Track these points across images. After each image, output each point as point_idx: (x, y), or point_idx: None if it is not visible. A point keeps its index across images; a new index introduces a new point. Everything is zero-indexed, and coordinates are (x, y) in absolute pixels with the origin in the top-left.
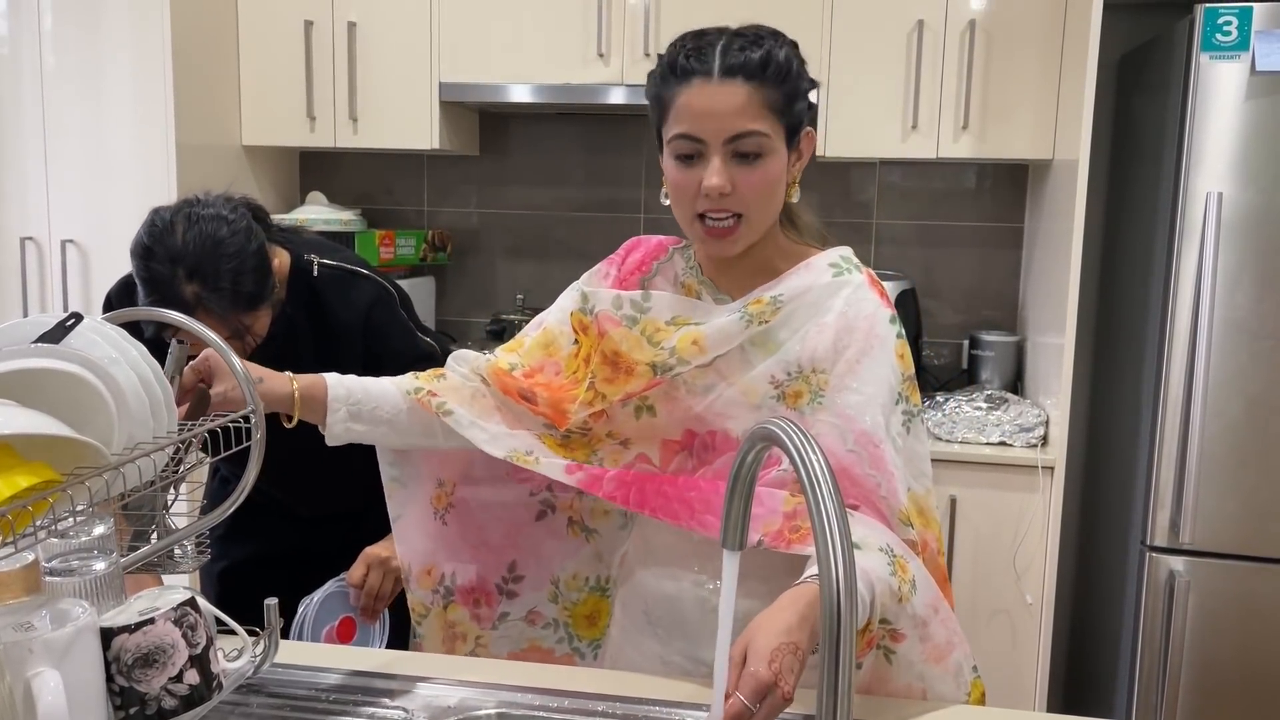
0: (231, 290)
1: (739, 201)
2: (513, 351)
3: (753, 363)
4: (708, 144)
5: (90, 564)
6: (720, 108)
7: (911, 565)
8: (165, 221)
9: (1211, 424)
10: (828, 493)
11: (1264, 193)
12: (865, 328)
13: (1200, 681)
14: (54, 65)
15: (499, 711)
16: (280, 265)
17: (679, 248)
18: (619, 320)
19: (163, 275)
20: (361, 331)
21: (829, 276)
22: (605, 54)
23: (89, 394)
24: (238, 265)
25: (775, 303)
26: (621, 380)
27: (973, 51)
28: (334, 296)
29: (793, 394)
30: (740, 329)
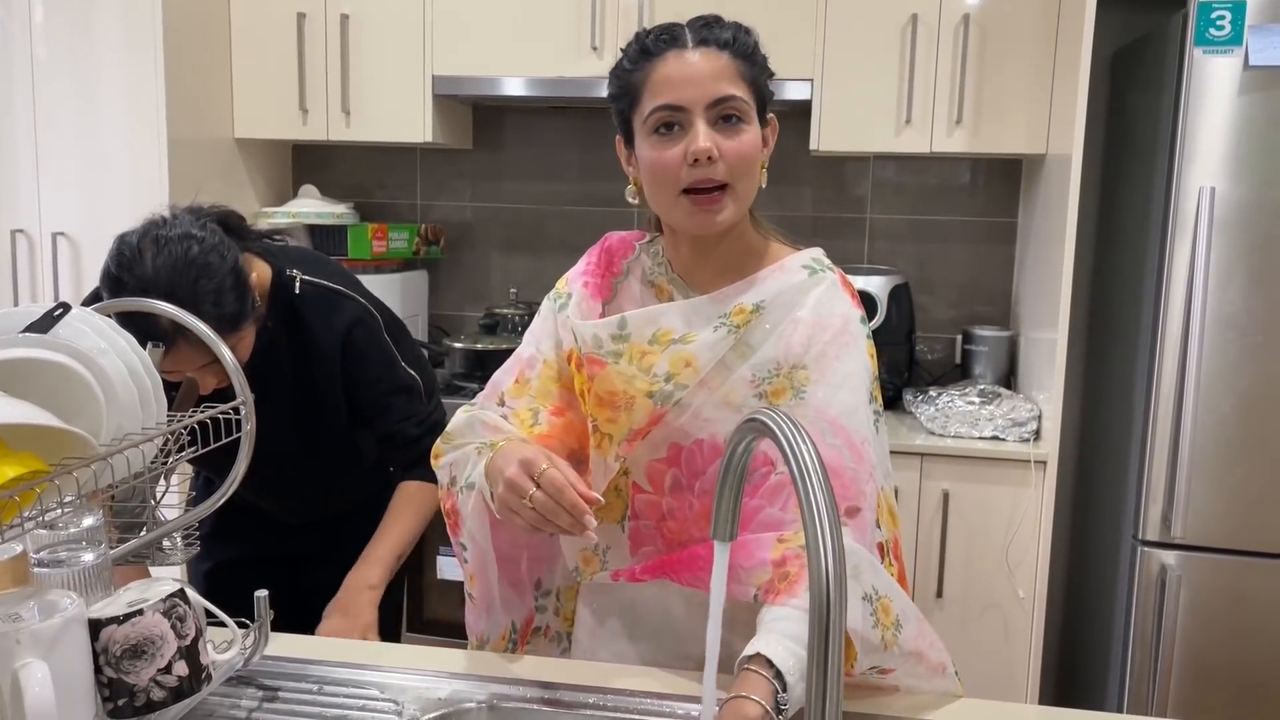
0: (214, 312)
1: (725, 169)
2: (522, 395)
3: (730, 367)
4: (690, 111)
5: (79, 555)
6: (700, 73)
7: (894, 603)
8: (133, 248)
9: (1203, 419)
10: (818, 483)
11: (1256, 188)
12: (838, 325)
13: (1191, 675)
14: (45, 57)
15: (490, 703)
16: (261, 279)
17: (644, 244)
18: (603, 359)
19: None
20: (340, 353)
21: (803, 276)
22: (599, 47)
23: (77, 384)
24: (216, 285)
25: (757, 308)
26: (624, 418)
27: (967, 46)
28: (315, 316)
29: (774, 392)
30: (729, 340)
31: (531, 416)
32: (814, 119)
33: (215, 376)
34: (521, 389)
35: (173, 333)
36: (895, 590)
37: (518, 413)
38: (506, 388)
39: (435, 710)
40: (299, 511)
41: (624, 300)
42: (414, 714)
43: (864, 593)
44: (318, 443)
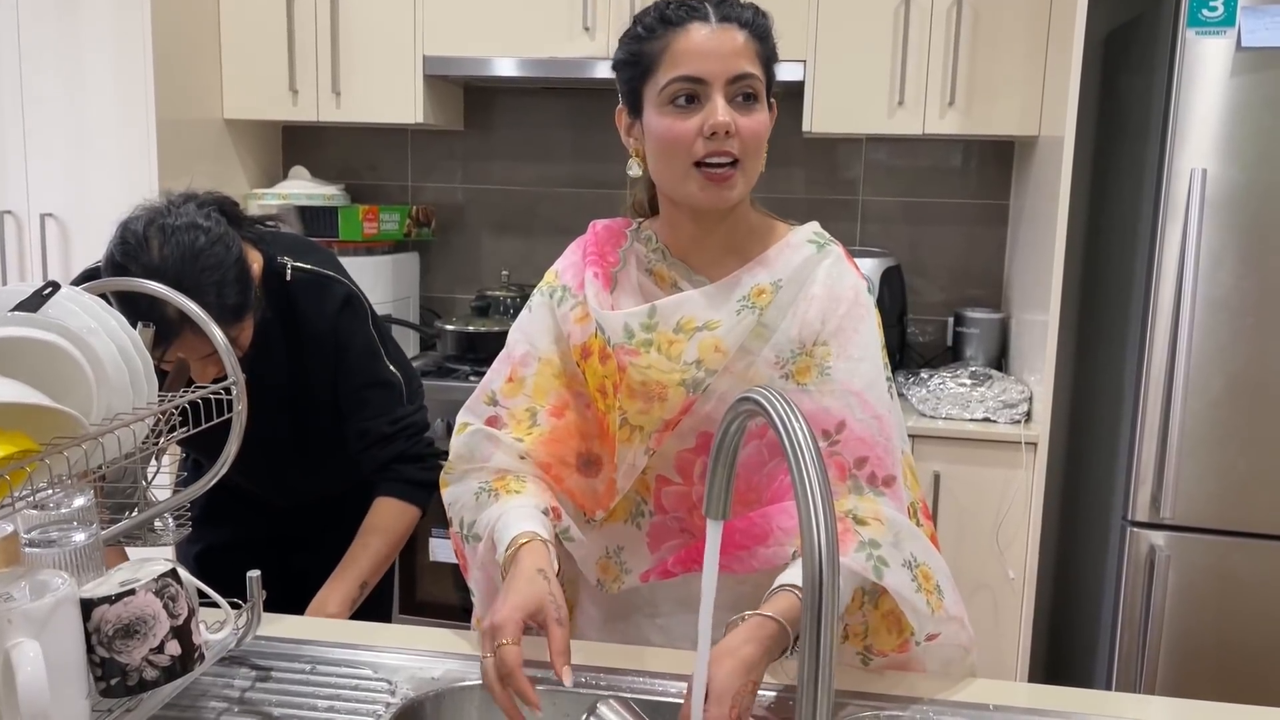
0: (217, 304)
1: (739, 146)
2: (516, 394)
3: (750, 350)
4: (710, 84)
5: (70, 535)
6: (723, 48)
7: (933, 568)
8: (138, 237)
9: (1193, 401)
10: (810, 460)
11: (1248, 170)
12: (851, 297)
13: (1179, 654)
14: (32, 37)
15: (481, 683)
16: (255, 269)
17: (634, 230)
18: (635, 349)
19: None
20: (332, 338)
21: (811, 251)
22: (591, 28)
23: (67, 364)
24: (220, 277)
25: (776, 287)
26: (656, 409)
27: (959, 28)
28: (307, 302)
29: (799, 370)
30: (752, 320)
31: (529, 417)
32: (807, 101)
33: (216, 366)
34: (516, 388)
35: (179, 322)
36: (933, 556)
37: (513, 413)
38: (498, 387)
39: (428, 689)
40: (289, 495)
41: (624, 290)
42: (407, 693)
43: (904, 559)
44: (310, 430)
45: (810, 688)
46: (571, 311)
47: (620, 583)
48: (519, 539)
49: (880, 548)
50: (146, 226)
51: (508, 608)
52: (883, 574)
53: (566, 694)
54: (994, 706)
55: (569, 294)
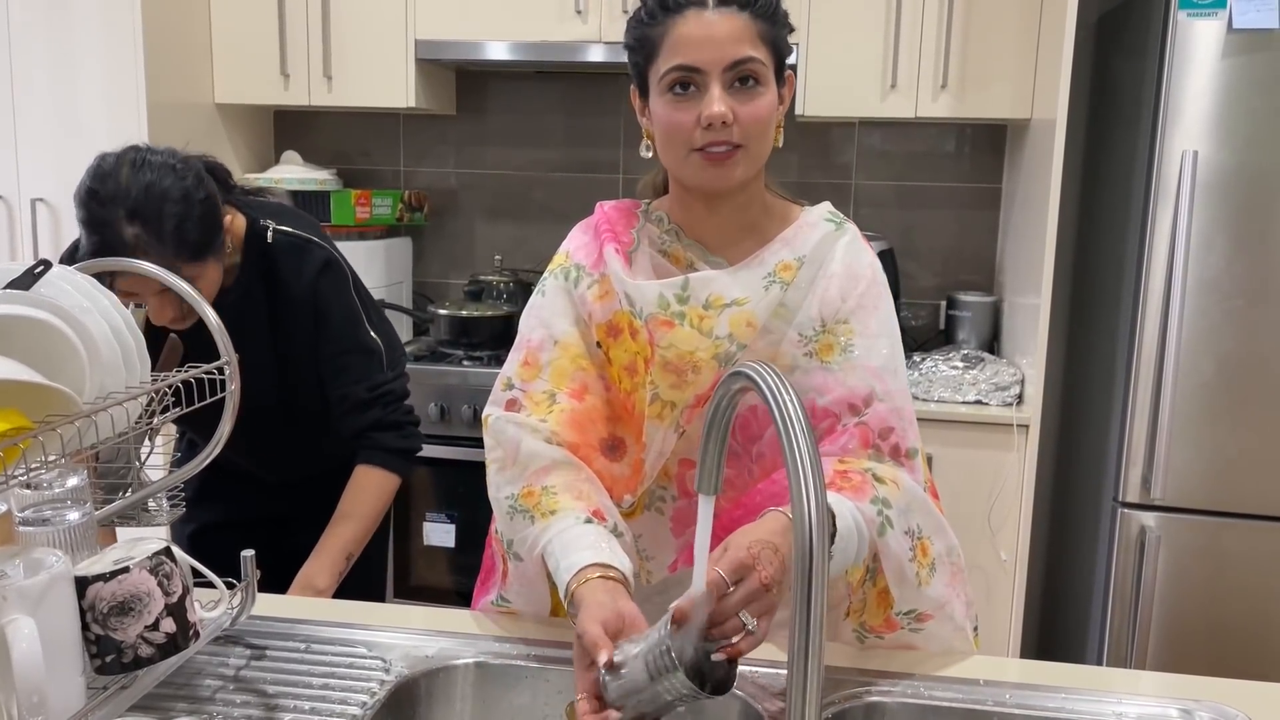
0: (175, 236)
1: (740, 132)
2: (534, 379)
3: (772, 329)
4: (707, 73)
5: (64, 514)
6: (719, 34)
7: (934, 544)
8: (111, 163)
9: (1183, 382)
10: (800, 432)
11: (1238, 152)
12: (869, 275)
13: (1169, 633)
14: (21, 21)
15: (477, 661)
16: (236, 230)
17: (643, 210)
18: (671, 320)
19: (103, 217)
20: (311, 301)
21: (829, 229)
22: (583, 11)
23: (60, 342)
24: (182, 211)
25: (800, 263)
26: (690, 383)
27: (952, 11)
28: (287, 265)
29: (823, 349)
30: (780, 295)
31: (548, 400)
32: (800, 83)
33: (172, 307)
34: (533, 372)
35: (133, 246)
36: (940, 530)
37: (531, 395)
38: (514, 372)
39: (423, 668)
40: (278, 469)
41: (640, 271)
42: (401, 671)
43: (908, 528)
44: (295, 394)
45: (800, 661)
46: (590, 290)
47: (647, 571)
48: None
49: (890, 508)
50: (121, 156)
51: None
52: (885, 532)
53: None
54: (984, 681)
55: (584, 273)
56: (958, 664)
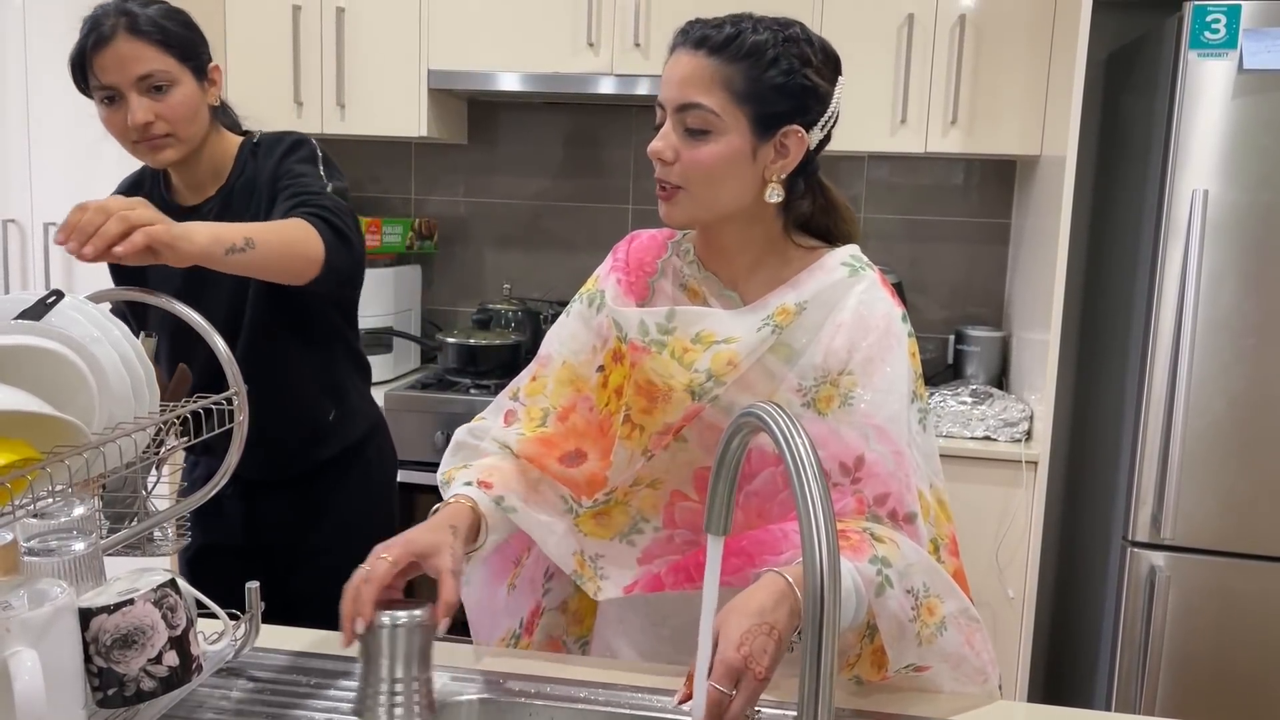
0: (150, 16)
1: (678, 174)
2: (538, 394)
3: (774, 374)
4: (665, 109)
5: (69, 544)
6: (678, 75)
7: (944, 605)
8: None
9: (1194, 421)
10: (812, 476)
11: (1249, 191)
12: (881, 326)
13: (1179, 675)
14: (38, 47)
15: (481, 697)
16: (228, 146)
17: (675, 241)
18: (648, 347)
19: (98, 13)
20: (273, 175)
21: (843, 274)
22: (595, 43)
23: (70, 372)
24: (160, 7)
25: (800, 308)
26: (659, 410)
27: (962, 46)
28: (265, 156)
29: (822, 399)
30: (770, 339)
31: (541, 416)
32: None
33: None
34: (539, 387)
35: (115, 26)
36: (951, 592)
37: (529, 409)
38: (523, 385)
39: None
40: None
41: (659, 301)
42: None
43: (910, 587)
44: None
45: (810, 704)
46: (605, 317)
47: (597, 586)
48: (451, 498)
49: (890, 567)
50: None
51: (402, 540)
52: (883, 592)
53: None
54: None
55: (603, 298)
56: (964, 707)
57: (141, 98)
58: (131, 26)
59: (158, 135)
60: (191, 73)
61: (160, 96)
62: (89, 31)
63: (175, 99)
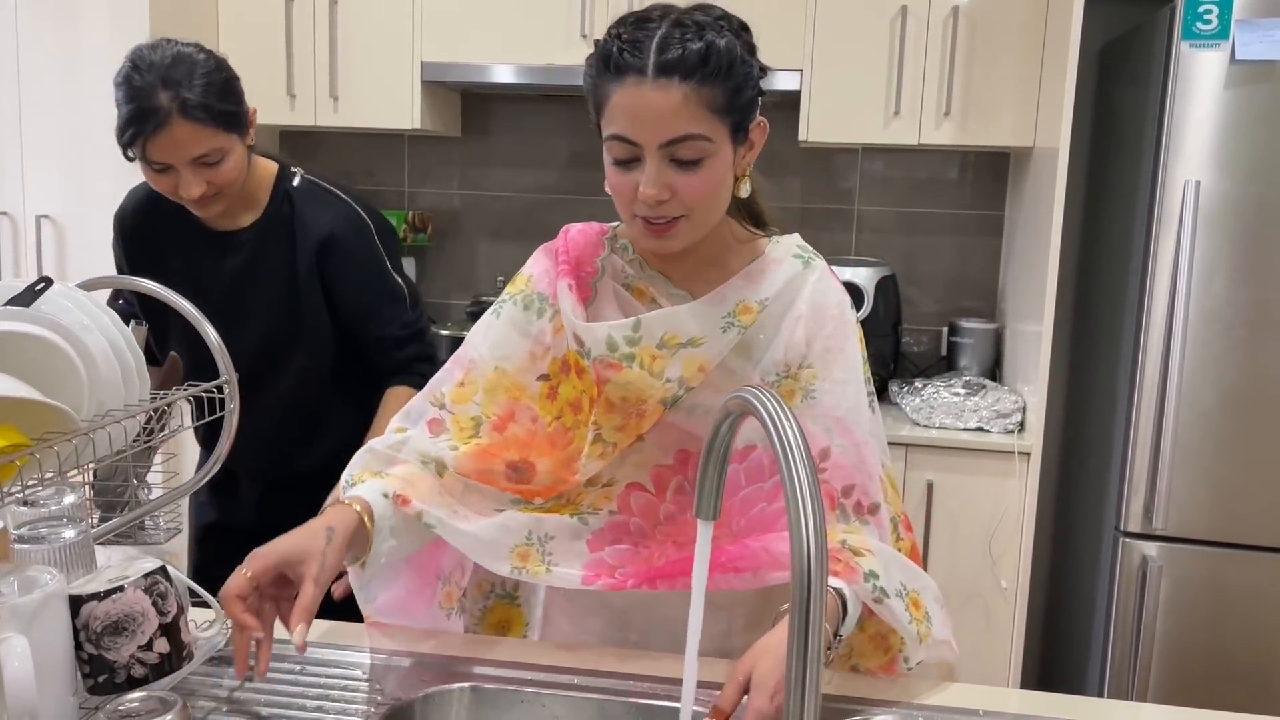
0: (203, 98)
1: (679, 205)
2: (466, 401)
3: (736, 371)
4: (643, 148)
5: (60, 532)
6: (655, 110)
7: (921, 591)
8: (146, 49)
9: (1186, 412)
10: (800, 459)
11: (1241, 182)
12: (837, 315)
13: (1171, 663)
14: (30, 40)
15: (472, 686)
16: (264, 173)
17: (610, 237)
18: (619, 363)
19: (141, 85)
20: (319, 249)
21: (798, 267)
22: (589, 35)
23: (59, 359)
24: (208, 79)
25: (763, 305)
26: (633, 425)
27: (956, 39)
28: (309, 210)
29: (785, 394)
30: (736, 339)
31: (474, 426)
32: (803, 110)
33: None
34: (467, 393)
35: (166, 110)
36: (919, 578)
37: (459, 419)
38: (448, 390)
39: (417, 692)
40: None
41: (604, 303)
42: (396, 695)
43: (896, 588)
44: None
45: (797, 689)
46: (550, 323)
47: (544, 570)
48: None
49: (879, 578)
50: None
51: (270, 549)
52: (883, 602)
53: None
54: (984, 712)
55: (546, 304)
56: (956, 694)
57: (194, 173)
58: (185, 110)
59: (208, 197)
60: (238, 136)
61: (212, 169)
62: (138, 113)
63: (226, 167)
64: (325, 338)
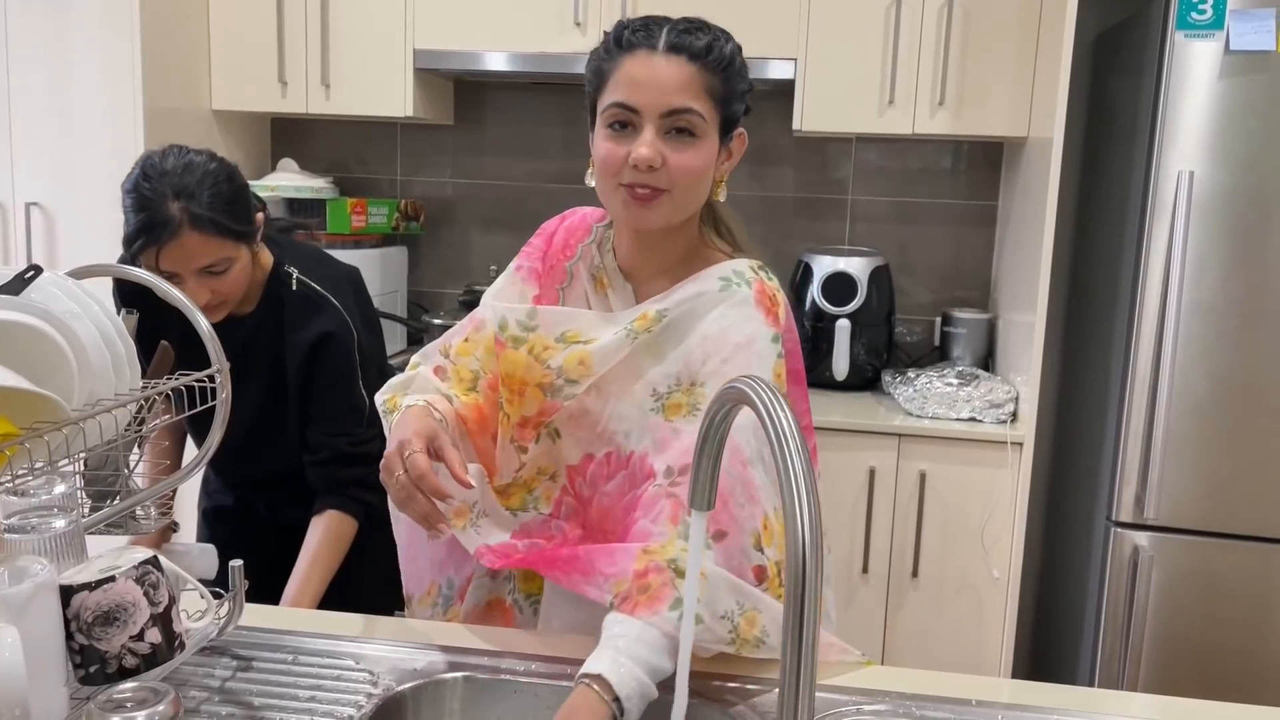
0: (212, 211)
1: (666, 179)
2: (468, 355)
3: (640, 371)
4: (642, 115)
5: (50, 522)
6: (661, 80)
7: (761, 616)
8: (157, 156)
9: (1178, 402)
10: (794, 449)
11: (1235, 173)
12: (739, 343)
13: (1161, 654)
14: (18, 26)
15: (465, 675)
16: (262, 265)
17: (603, 226)
18: (505, 343)
19: (151, 194)
20: (307, 355)
21: (715, 288)
22: (582, 23)
23: (48, 348)
24: (216, 190)
25: (660, 316)
26: (518, 402)
27: (950, 28)
28: (298, 316)
29: (672, 406)
30: (627, 345)
31: (472, 379)
32: (797, 99)
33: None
34: (470, 348)
35: (178, 221)
36: (765, 604)
37: (459, 370)
38: (455, 344)
39: (410, 681)
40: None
41: (577, 285)
42: (389, 685)
43: (723, 612)
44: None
45: (792, 680)
46: None
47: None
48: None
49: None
50: (166, 149)
51: (408, 430)
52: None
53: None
54: (975, 701)
55: None
56: (948, 684)
57: (200, 282)
58: (195, 221)
59: (212, 305)
60: (246, 244)
61: (218, 278)
62: (148, 223)
63: (232, 275)
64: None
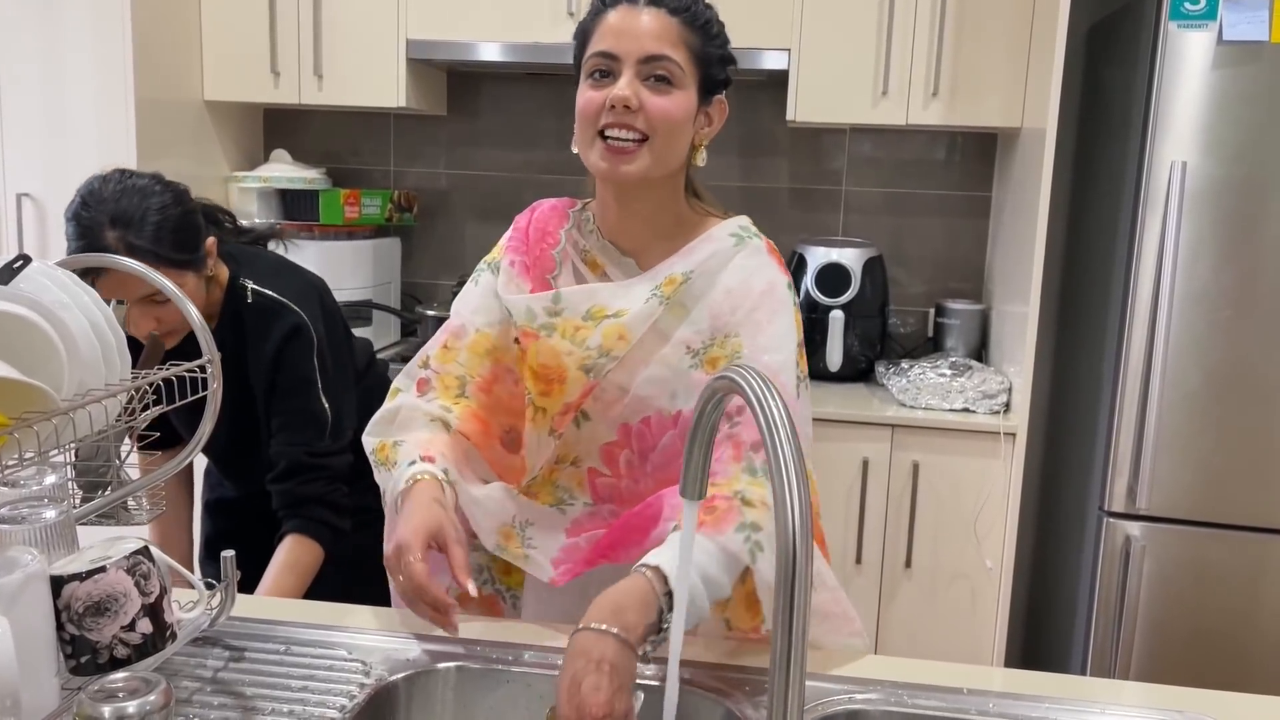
0: (153, 241)
1: (644, 122)
2: (449, 361)
3: (666, 334)
4: (622, 61)
5: (40, 512)
6: (639, 28)
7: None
8: (97, 182)
9: (1170, 393)
10: (785, 437)
11: (1227, 163)
12: (763, 289)
13: (1153, 643)
14: (10, 16)
15: (458, 665)
16: (218, 281)
17: (576, 210)
18: (536, 333)
19: (89, 223)
20: (273, 363)
21: (729, 243)
22: (575, 13)
23: (38, 338)
24: (159, 220)
25: (686, 277)
26: (557, 391)
27: (944, 18)
28: (256, 327)
29: (710, 360)
30: (658, 310)
31: (458, 385)
32: (790, 90)
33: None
34: (450, 355)
35: (114, 250)
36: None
37: (444, 378)
38: (433, 353)
39: (403, 671)
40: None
41: (565, 271)
42: (381, 674)
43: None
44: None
45: (782, 667)
46: None
47: (524, 554)
48: (413, 476)
49: (760, 531)
50: (108, 175)
51: (409, 529)
52: (756, 558)
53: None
54: (968, 690)
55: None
56: (941, 672)
57: (143, 311)
58: (132, 253)
59: (159, 334)
60: (193, 271)
61: (161, 307)
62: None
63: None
64: None
